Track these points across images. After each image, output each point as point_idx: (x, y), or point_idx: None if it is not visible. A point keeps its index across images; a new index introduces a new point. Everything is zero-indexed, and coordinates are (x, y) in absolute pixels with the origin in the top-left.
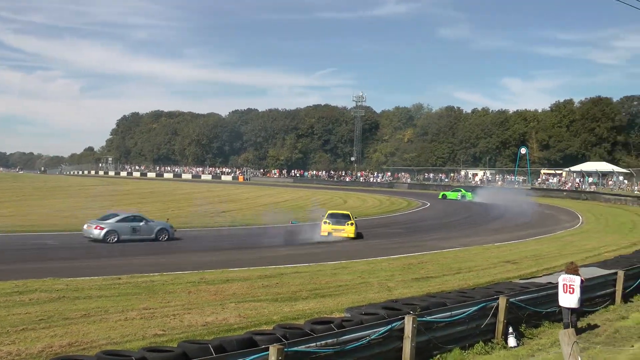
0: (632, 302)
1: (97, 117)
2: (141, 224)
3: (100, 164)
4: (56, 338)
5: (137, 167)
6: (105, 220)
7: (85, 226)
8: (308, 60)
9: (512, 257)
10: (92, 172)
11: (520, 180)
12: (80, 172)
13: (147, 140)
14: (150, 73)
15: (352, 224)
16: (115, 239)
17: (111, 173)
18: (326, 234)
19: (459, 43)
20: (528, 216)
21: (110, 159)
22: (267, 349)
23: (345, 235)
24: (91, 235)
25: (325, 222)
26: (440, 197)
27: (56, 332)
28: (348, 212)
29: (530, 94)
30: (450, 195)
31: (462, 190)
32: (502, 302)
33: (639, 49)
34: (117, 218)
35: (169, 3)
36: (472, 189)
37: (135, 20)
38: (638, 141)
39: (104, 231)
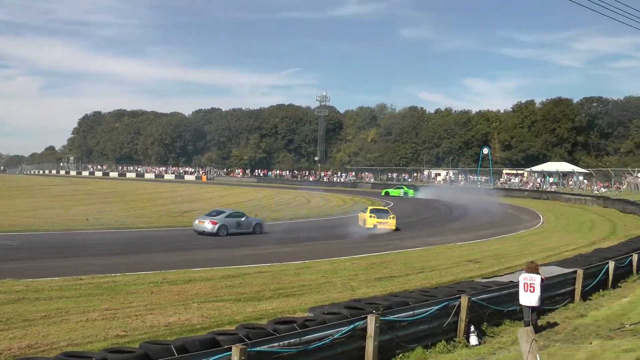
0: (591, 300)
1: (59, 116)
2: (242, 219)
3: (61, 164)
4: (15, 340)
5: (99, 167)
6: (215, 216)
7: (196, 221)
8: (272, 60)
9: (475, 257)
10: (54, 172)
11: (483, 180)
12: (41, 172)
13: (109, 139)
14: (113, 71)
15: (393, 217)
16: (225, 233)
17: (73, 173)
18: (372, 226)
19: (422, 44)
20: (491, 216)
21: (71, 158)
22: (229, 349)
23: (389, 227)
24: (205, 230)
25: (370, 216)
26: (383, 194)
27: (15, 334)
28: (386, 208)
29: (492, 95)
30: (393, 192)
31: (404, 187)
32: (464, 301)
33: (597, 51)
34: (225, 214)
35: (133, 1)
36: (414, 186)
37: (98, 18)
38: (597, 142)
39: (217, 226)
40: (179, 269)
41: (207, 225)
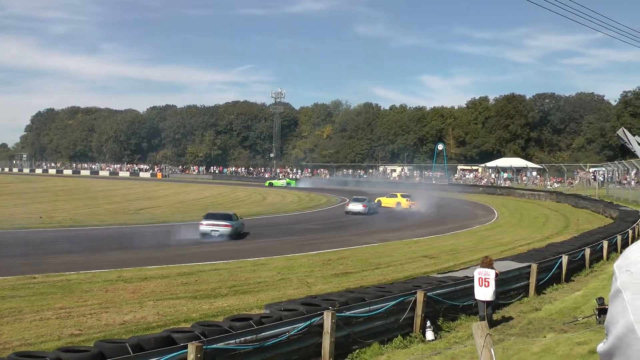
0: (545, 294)
1: (11, 113)
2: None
3: (14, 161)
4: None
5: (52, 164)
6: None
7: (351, 205)
8: (227, 57)
9: (430, 252)
10: (6, 170)
11: (438, 176)
12: None
13: (63, 136)
14: (66, 68)
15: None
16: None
17: (26, 170)
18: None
19: (378, 41)
20: (446, 211)
21: (24, 156)
22: (185, 347)
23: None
24: (359, 211)
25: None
26: (267, 185)
27: None
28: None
29: (447, 91)
30: (277, 183)
31: (287, 179)
32: (419, 296)
33: (550, 48)
34: (367, 200)
35: None
36: (297, 178)
37: (51, 14)
38: (550, 137)
39: (367, 208)
40: (134, 267)
41: (360, 207)
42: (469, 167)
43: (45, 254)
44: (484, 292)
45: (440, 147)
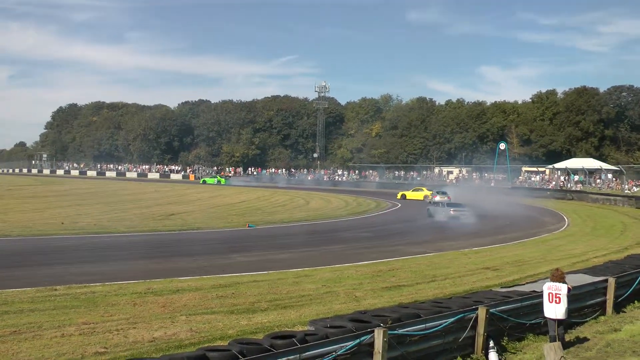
0: (625, 312)
1: (30, 109)
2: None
3: (33, 162)
4: None
5: (75, 165)
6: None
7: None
8: (266, 47)
9: (492, 263)
10: (24, 171)
11: (500, 178)
12: (11, 171)
13: (86, 134)
14: (89, 59)
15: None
16: None
17: (46, 171)
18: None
19: (432, 28)
20: (509, 218)
21: (44, 155)
22: None
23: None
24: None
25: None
26: (201, 182)
27: None
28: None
29: (509, 84)
30: (209, 180)
31: (217, 176)
32: (481, 312)
33: (626, 35)
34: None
35: None
36: (227, 177)
37: (72, 1)
38: (628, 135)
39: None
40: (164, 278)
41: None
42: (534, 169)
43: (67, 264)
44: (555, 309)
45: (502, 146)
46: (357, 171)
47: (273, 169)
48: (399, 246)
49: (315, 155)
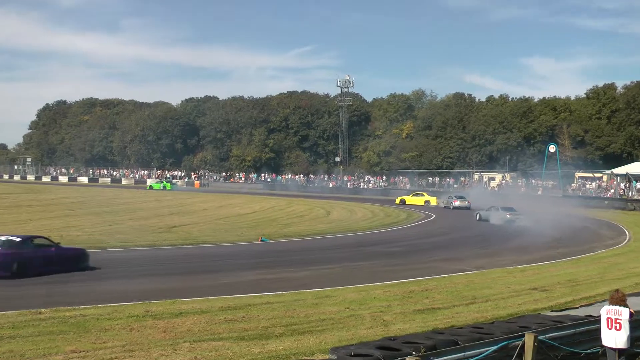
0: None
1: (11, 106)
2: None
3: (15, 166)
4: None
5: (64, 170)
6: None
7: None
8: (281, 36)
9: (541, 283)
10: (5, 177)
11: (549, 185)
12: None
13: (77, 135)
14: (80, 50)
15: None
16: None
17: (30, 177)
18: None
19: (471, 13)
20: (560, 230)
21: (29, 159)
22: None
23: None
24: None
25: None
26: (148, 188)
27: None
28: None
29: (561, 77)
30: (155, 185)
31: (163, 181)
32: (528, 340)
33: None
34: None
35: None
36: (171, 181)
37: None
38: None
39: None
40: (165, 299)
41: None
42: (589, 174)
43: (53, 283)
44: (615, 337)
45: (552, 148)
46: (384, 177)
47: (290, 175)
48: (433, 263)
49: (337, 159)
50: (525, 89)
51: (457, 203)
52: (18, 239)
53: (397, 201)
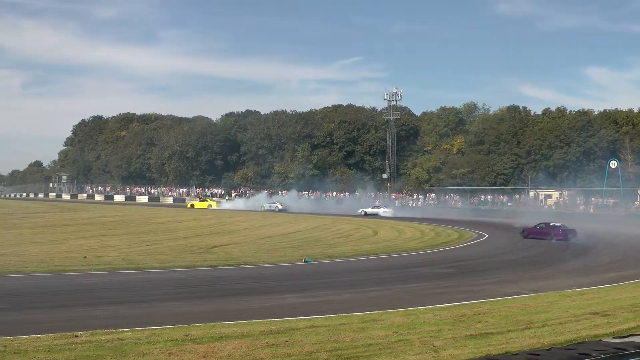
0: None
1: (47, 122)
2: None
3: (51, 184)
4: None
5: (100, 188)
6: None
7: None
8: (325, 47)
9: (601, 308)
10: (40, 195)
11: (611, 203)
12: (25, 195)
13: (113, 152)
14: (116, 63)
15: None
16: None
17: (66, 196)
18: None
19: (525, 22)
20: (622, 252)
21: (64, 177)
22: None
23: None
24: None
25: None
26: (188, 206)
27: None
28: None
29: (623, 89)
30: (200, 204)
31: (207, 199)
32: None
33: None
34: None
35: None
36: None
37: None
38: None
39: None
40: (205, 323)
41: None
42: None
43: (90, 305)
44: None
45: (613, 164)
46: (434, 195)
47: (335, 193)
48: (486, 285)
49: (384, 175)
50: (584, 101)
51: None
52: None
53: (188, 205)
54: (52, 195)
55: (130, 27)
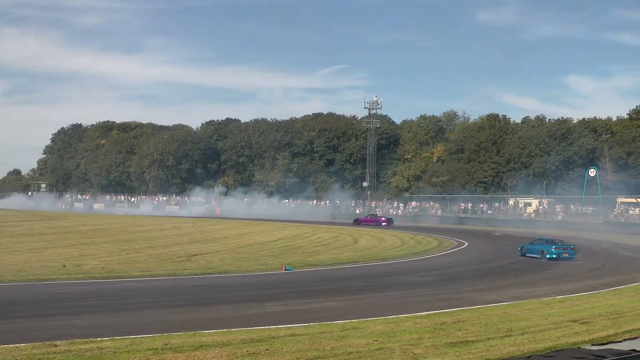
0: None
1: (26, 130)
2: None
3: (29, 192)
4: None
5: (79, 197)
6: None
7: None
8: (306, 55)
9: (581, 315)
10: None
11: (589, 211)
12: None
13: (93, 160)
14: (97, 72)
15: None
16: None
17: (45, 204)
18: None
19: (506, 31)
20: (601, 260)
21: (43, 185)
22: None
23: None
24: None
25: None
26: None
27: None
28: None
29: (602, 97)
30: None
31: None
32: None
33: None
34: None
35: None
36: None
37: (78, 2)
38: None
39: None
40: (185, 331)
41: None
42: (633, 200)
43: (69, 314)
44: None
45: (592, 172)
46: (414, 203)
47: (315, 201)
48: (466, 293)
49: (364, 184)
50: (563, 109)
51: None
52: None
53: None
54: (30, 204)
55: (114, 36)
